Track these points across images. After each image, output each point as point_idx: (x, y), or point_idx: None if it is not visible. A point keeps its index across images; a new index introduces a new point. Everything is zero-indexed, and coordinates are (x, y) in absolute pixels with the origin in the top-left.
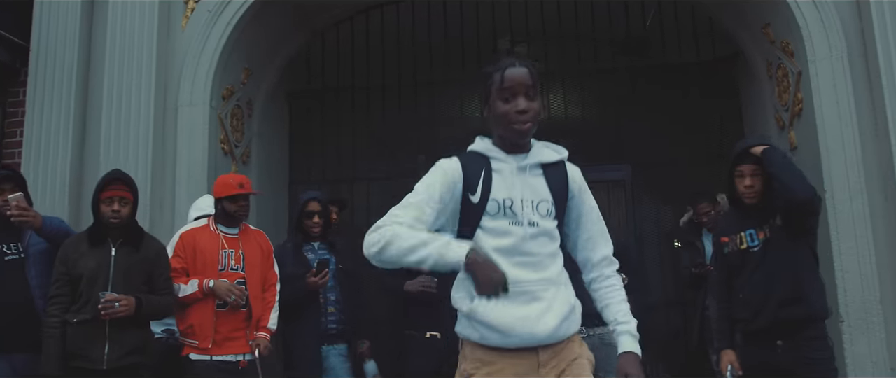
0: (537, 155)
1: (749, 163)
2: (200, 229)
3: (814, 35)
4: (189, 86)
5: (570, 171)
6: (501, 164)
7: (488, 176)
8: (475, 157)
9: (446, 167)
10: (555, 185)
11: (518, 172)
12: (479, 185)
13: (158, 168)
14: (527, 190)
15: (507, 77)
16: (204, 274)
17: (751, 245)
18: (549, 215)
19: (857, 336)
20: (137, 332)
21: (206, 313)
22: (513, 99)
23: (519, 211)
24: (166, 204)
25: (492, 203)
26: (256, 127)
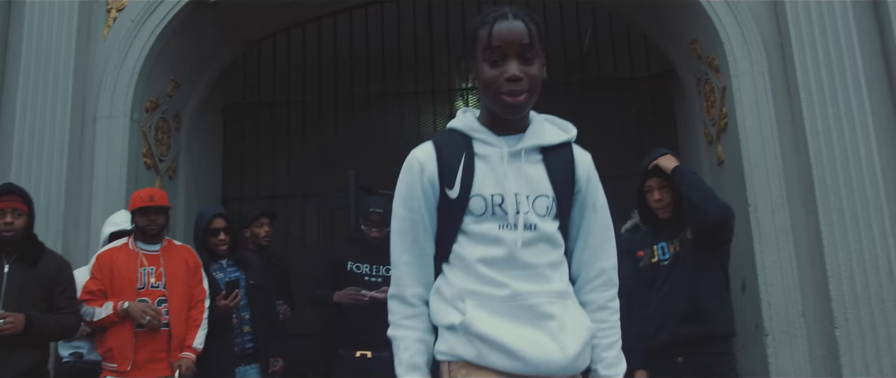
0: (536, 135)
1: (656, 176)
2: (118, 248)
3: (736, 50)
4: (109, 97)
5: (579, 156)
6: (487, 148)
7: (470, 163)
8: (454, 137)
9: (416, 162)
10: (558, 174)
11: (510, 159)
12: (458, 176)
13: (74, 183)
14: (521, 182)
15: (496, 34)
16: (122, 294)
17: (661, 258)
18: (549, 215)
19: (780, 349)
20: (31, 352)
21: (125, 335)
22: (502, 62)
23: (510, 210)
24: (82, 221)
25: (476, 200)
26: (185, 140)
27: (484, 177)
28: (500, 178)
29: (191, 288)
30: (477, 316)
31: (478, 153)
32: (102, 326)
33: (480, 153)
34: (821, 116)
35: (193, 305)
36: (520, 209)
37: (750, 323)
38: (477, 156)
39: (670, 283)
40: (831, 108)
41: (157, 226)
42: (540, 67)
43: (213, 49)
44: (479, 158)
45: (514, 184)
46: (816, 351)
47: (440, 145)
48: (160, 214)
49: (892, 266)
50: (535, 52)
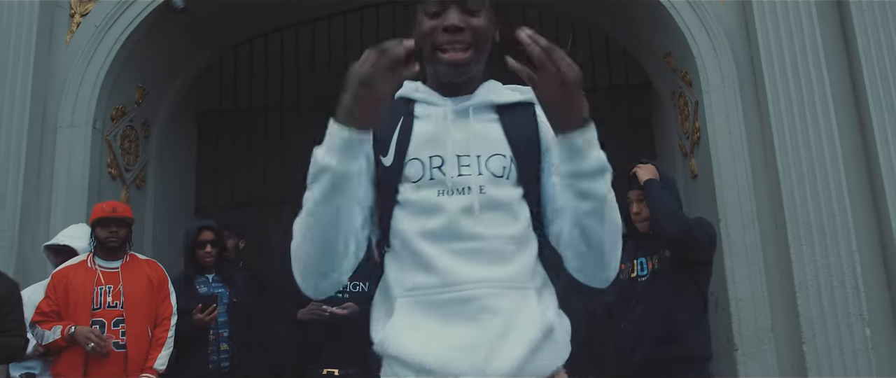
0: (487, 93)
1: (636, 188)
2: (75, 266)
3: (708, 65)
4: (71, 105)
5: (541, 115)
6: (429, 108)
7: (408, 125)
8: (396, 103)
9: None
10: (517, 133)
11: (455, 117)
12: (393, 140)
13: (31, 195)
14: (469, 140)
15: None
16: (76, 315)
17: (639, 274)
18: (506, 177)
19: (750, 364)
20: None
21: (75, 359)
22: (442, 12)
23: (452, 171)
24: (40, 235)
25: (412, 164)
26: (155, 149)
27: (422, 138)
28: (441, 137)
29: (154, 306)
30: (396, 331)
31: (418, 115)
32: (52, 350)
33: (420, 115)
34: (790, 132)
35: (158, 323)
36: (462, 171)
37: (721, 337)
38: (416, 118)
39: (646, 301)
40: (800, 124)
41: (118, 239)
42: (488, 21)
43: (184, 55)
44: (419, 120)
45: (458, 142)
46: (785, 365)
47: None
48: (122, 227)
49: (857, 282)
50: (481, 3)
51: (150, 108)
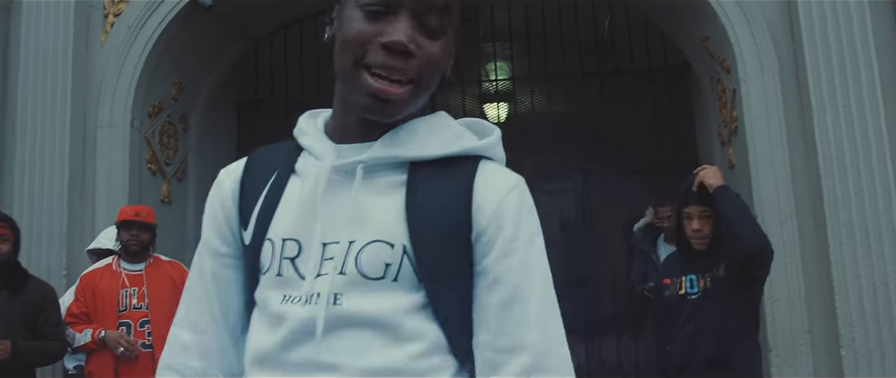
0: (400, 142)
1: (697, 203)
2: (101, 269)
3: (745, 53)
4: (108, 105)
5: (485, 180)
6: (310, 161)
7: (279, 186)
8: (282, 148)
9: (218, 181)
10: (428, 209)
11: (333, 180)
12: (257, 208)
13: (76, 194)
14: (343, 219)
15: None
16: (103, 317)
17: (689, 292)
18: (390, 278)
19: (784, 367)
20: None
21: (106, 360)
22: (387, 16)
23: (306, 266)
24: (86, 234)
25: (266, 247)
26: (194, 141)
27: (287, 211)
28: (305, 212)
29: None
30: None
31: (296, 171)
32: (85, 352)
33: (300, 171)
34: (833, 125)
35: None
36: (323, 268)
37: None
38: (294, 175)
39: (696, 320)
40: (844, 117)
41: (139, 242)
42: (446, 50)
43: (218, 48)
44: (295, 179)
45: (325, 224)
46: (821, 369)
47: (255, 158)
48: (144, 231)
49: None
50: (448, 20)
51: (187, 102)
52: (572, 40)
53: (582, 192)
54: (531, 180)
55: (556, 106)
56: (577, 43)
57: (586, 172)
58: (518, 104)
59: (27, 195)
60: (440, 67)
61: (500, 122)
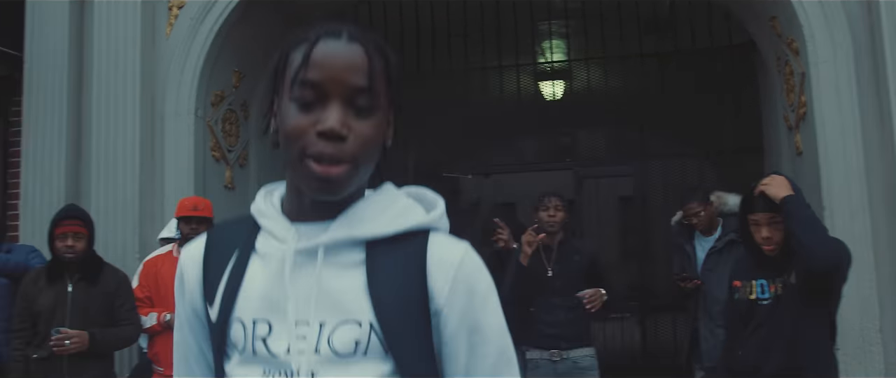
0: (357, 221)
1: (764, 210)
2: (163, 256)
3: (816, 35)
4: (174, 95)
5: (437, 252)
6: (271, 242)
7: (241, 267)
8: (241, 227)
9: (180, 270)
10: (389, 286)
11: (298, 262)
12: (221, 288)
13: (147, 181)
14: (310, 300)
15: (315, 59)
16: (166, 301)
17: (760, 297)
18: (360, 352)
19: (852, 366)
20: (98, 365)
21: (169, 343)
22: (318, 106)
23: (279, 346)
24: (156, 217)
25: (235, 328)
26: (255, 128)
27: (252, 291)
28: (274, 295)
29: None
30: None
31: (257, 251)
32: (150, 334)
33: (261, 251)
34: None
35: None
36: (293, 347)
37: None
38: (255, 254)
39: (768, 327)
40: None
41: (197, 235)
42: (379, 126)
43: (276, 36)
44: (257, 259)
45: (296, 305)
46: (893, 368)
47: (213, 240)
48: (203, 224)
49: None
50: (376, 100)
51: (247, 90)
52: (631, 17)
53: (640, 172)
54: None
55: (614, 84)
56: (636, 19)
57: (645, 153)
58: (575, 81)
59: (102, 183)
60: (376, 143)
61: (555, 100)
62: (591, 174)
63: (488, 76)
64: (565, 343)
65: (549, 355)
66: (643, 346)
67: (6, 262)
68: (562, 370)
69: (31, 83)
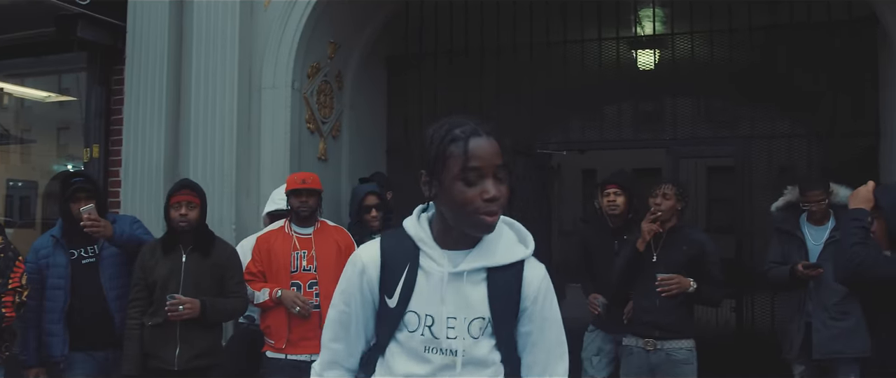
0: (484, 254)
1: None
2: (275, 232)
3: None
4: (271, 67)
5: (529, 274)
6: (431, 263)
7: (412, 275)
8: (404, 243)
9: (360, 262)
10: (500, 295)
11: (450, 280)
12: (399, 288)
13: (244, 152)
14: (458, 304)
15: (472, 153)
16: (278, 277)
17: None
18: (484, 334)
19: None
20: (207, 334)
21: (281, 317)
22: (479, 181)
23: (440, 333)
24: (252, 188)
25: (410, 315)
26: (348, 99)
27: (422, 294)
28: (434, 298)
29: (343, 269)
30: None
31: (422, 267)
32: (263, 308)
33: (424, 267)
34: None
35: None
36: (449, 334)
37: None
38: (421, 269)
39: None
40: None
41: (308, 208)
42: (508, 184)
43: (371, 6)
44: (422, 272)
45: (448, 305)
46: None
47: (387, 251)
48: (312, 197)
49: None
50: (506, 170)
51: (341, 61)
52: None
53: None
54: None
55: (720, 55)
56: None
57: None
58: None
59: (201, 154)
60: (507, 196)
61: (649, 70)
62: (689, 154)
63: (586, 48)
64: (660, 332)
65: (643, 344)
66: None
67: (121, 234)
68: (655, 361)
69: (133, 53)
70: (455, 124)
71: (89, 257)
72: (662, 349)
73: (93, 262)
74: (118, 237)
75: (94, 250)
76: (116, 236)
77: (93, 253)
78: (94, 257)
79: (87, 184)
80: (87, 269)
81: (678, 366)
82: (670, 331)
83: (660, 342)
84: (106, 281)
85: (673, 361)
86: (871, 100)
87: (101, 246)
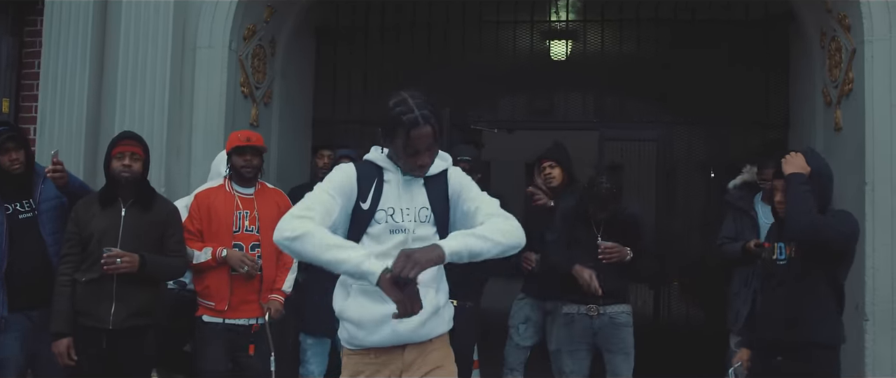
0: None
1: (780, 178)
2: (215, 189)
3: (874, 12)
4: (208, 26)
5: (450, 176)
6: (391, 174)
7: (379, 186)
8: (370, 166)
9: (345, 173)
10: (435, 193)
11: (404, 184)
12: (370, 194)
13: (175, 113)
14: (409, 200)
15: (413, 137)
16: (218, 236)
17: (779, 258)
18: (427, 221)
19: (880, 335)
20: (145, 292)
21: (222, 278)
22: (416, 155)
23: (399, 219)
24: (183, 149)
25: (379, 212)
26: (280, 66)
27: (386, 196)
28: (395, 197)
29: None
30: (349, 305)
31: (385, 179)
32: (200, 269)
33: (386, 179)
34: None
35: None
36: (406, 218)
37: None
38: (385, 182)
39: (785, 285)
40: None
41: (252, 167)
42: (437, 149)
43: None
44: (386, 182)
45: (404, 200)
46: None
47: (361, 171)
48: (256, 156)
49: None
50: (437, 143)
51: (276, 26)
52: None
53: (661, 141)
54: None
55: (628, 48)
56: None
57: (665, 121)
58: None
59: (128, 113)
60: (435, 155)
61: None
62: (616, 136)
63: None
64: (603, 298)
65: (586, 309)
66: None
67: (73, 182)
68: (598, 325)
69: (52, 2)
70: (404, 109)
71: (26, 212)
72: (606, 313)
73: (30, 217)
74: (72, 185)
75: (31, 204)
76: (71, 184)
77: (29, 207)
78: (32, 212)
79: (13, 131)
80: (25, 225)
81: (621, 328)
82: (612, 296)
83: (603, 307)
84: (48, 235)
85: (616, 324)
86: (783, 94)
87: (40, 199)
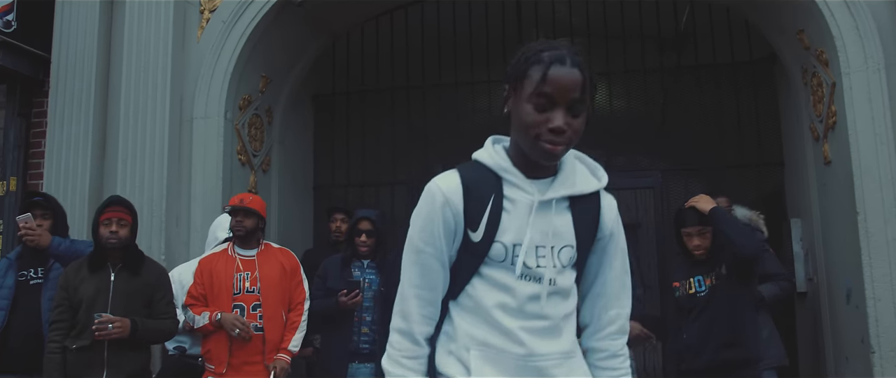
0: (567, 182)
1: (694, 224)
2: (218, 254)
3: (848, 45)
4: (204, 98)
5: (606, 204)
6: (517, 191)
7: (497, 206)
8: (483, 174)
9: (441, 194)
10: (582, 224)
11: (539, 208)
12: (484, 220)
13: (174, 182)
14: (546, 233)
15: (550, 79)
16: (219, 299)
17: (698, 290)
18: (569, 266)
19: (888, 368)
20: (136, 356)
21: (221, 341)
22: (550, 109)
23: (531, 261)
24: (183, 218)
25: (497, 246)
26: (277, 134)
27: (509, 224)
28: (523, 227)
29: (288, 291)
30: (479, 373)
31: (507, 196)
32: (203, 333)
33: (510, 197)
34: None
35: (292, 308)
36: (540, 262)
37: (855, 336)
38: (505, 199)
39: (708, 312)
40: None
41: (242, 228)
42: (584, 120)
43: (302, 43)
44: (508, 202)
45: (538, 235)
46: None
47: (468, 182)
48: (248, 217)
49: None
50: (584, 105)
51: (272, 96)
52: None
53: (661, 189)
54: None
55: (619, 103)
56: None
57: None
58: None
59: (129, 183)
60: (580, 132)
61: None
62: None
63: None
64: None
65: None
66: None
67: (58, 245)
68: None
69: (57, 83)
70: (546, 47)
71: (37, 278)
72: None
73: (40, 282)
74: (54, 247)
75: (41, 272)
76: (53, 246)
77: (40, 275)
78: (42, 278)
79: (43, 202)
80: (32, 290)
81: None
82: None
83: None
84: (46, 302)
85: None
86: (775, 130)
87: (50, 267)
